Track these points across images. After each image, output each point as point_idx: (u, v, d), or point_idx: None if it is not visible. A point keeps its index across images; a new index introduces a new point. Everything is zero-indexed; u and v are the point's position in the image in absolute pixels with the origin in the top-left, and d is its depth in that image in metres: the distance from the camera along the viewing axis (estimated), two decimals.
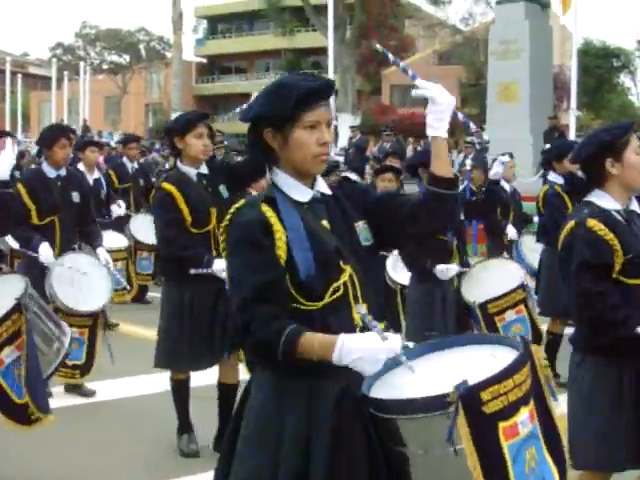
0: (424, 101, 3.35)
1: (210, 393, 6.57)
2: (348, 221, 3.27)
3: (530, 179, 22.30)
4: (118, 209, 12.05)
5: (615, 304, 4.12)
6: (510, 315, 6.90)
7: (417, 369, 2.89)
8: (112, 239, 10.18)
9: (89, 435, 6.90)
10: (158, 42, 65.17)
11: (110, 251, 8.30)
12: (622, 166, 4.18)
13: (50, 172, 7.74)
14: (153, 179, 13.70)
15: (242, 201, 3.18)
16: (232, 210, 3.16)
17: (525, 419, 2.78)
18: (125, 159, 13.33)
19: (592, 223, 4.15)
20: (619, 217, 4.22)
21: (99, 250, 7.70)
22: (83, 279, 7.33)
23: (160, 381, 7.13)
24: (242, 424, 3.21)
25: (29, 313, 5.09)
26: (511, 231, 10.39)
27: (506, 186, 10.44)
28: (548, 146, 21.35)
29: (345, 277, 3.12)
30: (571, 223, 4.25)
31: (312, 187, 3.23)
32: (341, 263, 3.13)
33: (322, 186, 3.28)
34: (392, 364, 2.91)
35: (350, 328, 3.06)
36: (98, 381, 7.84)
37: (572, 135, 23.17)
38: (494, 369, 2.73)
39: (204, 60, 67.36)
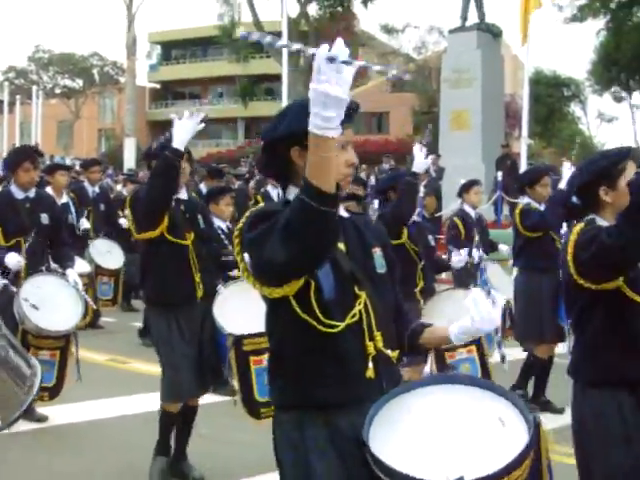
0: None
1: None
2: (365, 246, 3.23)
3: (482, 207, 22.45)
4: (86, 222, 12.15)
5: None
6: (461, 354, 6.74)
7: (418, 407, 2.92)
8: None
9: (42, 461, 6.80)
10: (112, 67, 64.95)
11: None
12: (616, 194, 4.01)
13: (18, 193, 7.65)
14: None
15: (258, 207, 3.14)
16: (248, 213, 3.07)
17: None
18: (86, 183, 13.22)
19: (602, 222, 4.00)
20: None
21: (68, 271, 7.55)
22: (52, 300, 7.23)
23: (112, 406, 7.12)
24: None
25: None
26: (476, 254, 10.44)
27: (472, 212, 10.48)
28: (500, 174, 21.64)
29: (361, 304, 3.05)
30: (580, 225, 4.04)
31: None
32: (356, 289, 3.07)
33: (340, 209, 3.13)
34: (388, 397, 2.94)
35: (362, 357, 3.03)
36: (50, 406, 7.76)
37: (523, 163, 23.34)
38: (499, 453, 2.63)
39: (157, 85, 67.27)
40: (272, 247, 2.74)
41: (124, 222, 13.14)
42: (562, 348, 8.21)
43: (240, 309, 6.08)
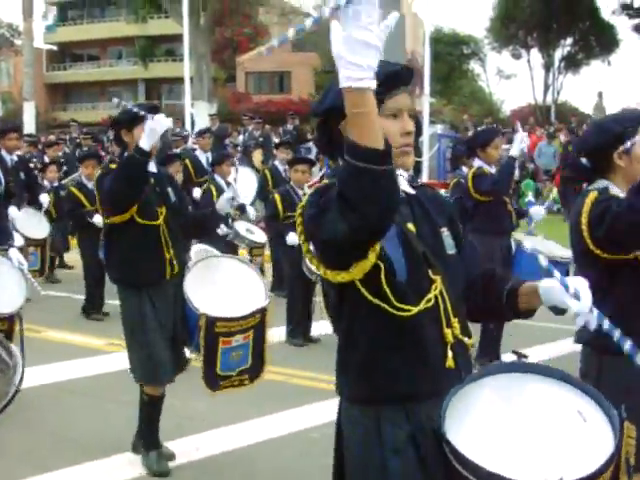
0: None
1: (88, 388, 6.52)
2: (433, 225, 2.98)
3: None
4: (46, 199, 12.42)
5: None
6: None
7: (491, 398, 2.71)
8: None
9: None
10: (7, 29, 63.42)
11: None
12: (629, 158, 4.02)
13: None
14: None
15: (324, 182, 2.88)
16: (312, 191, 2.85)
17: None
18: (4, 151, 12.48)
19: (615, 191, 4.00)
20: None
21: (11, 251, 7.29)
22: None
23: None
24: (345, 459, 2.94)
25: None
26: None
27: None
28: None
29: (436, 289, 2.84)
30: (593, 194, 3.99)
31: None
32: (430, 273, 2.85)
33: (404, 185, 2.95)
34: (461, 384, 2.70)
35: (441, 344, 2.83)
36: None
37: (426, 121, 23.62)
38: (589, 453, 2.48)
39: (54, 47, 65.88)
40: (330, 221, 2.50)
41: (46, 202, 12.98)
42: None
43: (212, 287, 6.00)
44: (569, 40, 47.90)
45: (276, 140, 23.95)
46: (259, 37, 54.29)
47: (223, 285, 6.09)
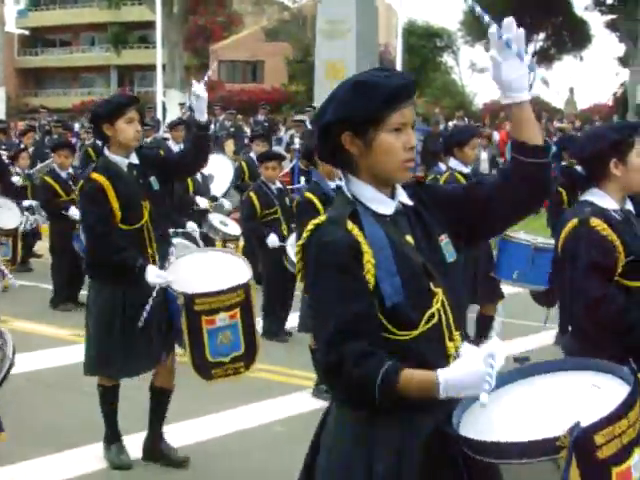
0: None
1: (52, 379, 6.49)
2: (431, 235, 2.88)
3: None
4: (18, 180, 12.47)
5: (626, 307, 3.92)
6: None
7: (506, 398, 2.70)
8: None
9: None
10: None
11: None
12: (626, 168, 4.02)
13: None
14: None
15: (322, 217, 2.78)
16: (311, 227, 2.76)
17: (637, 462, 2.46)
18: None
19: (596, 222, 3.96)
20: (618, 217, 4.03)
21: None
22: None
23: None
24: (321, 457, 2.90)
25: None
26: None
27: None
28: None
29: (438, 302, 2.76)
30: (573, 222, 4.04)
31: (392, 197, 2.85)
32: (431, 285, 2.76)
33: (402, 196, 2.88)
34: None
35: (444, 358, 2.73)
36: None
37: None
38: (606, 405, 2.43)
39: (26, 32, 65.41)
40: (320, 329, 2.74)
41: (17, 180, 12.91)
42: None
43: (192, 272, 5.84)
44: (542, 35, 48.10)
45: (247, 130, 23.96)
46: (233, 25, 54.23)
47: (203, 270, 5.96)
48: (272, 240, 9.57)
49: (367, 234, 2.68)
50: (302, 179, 14.30)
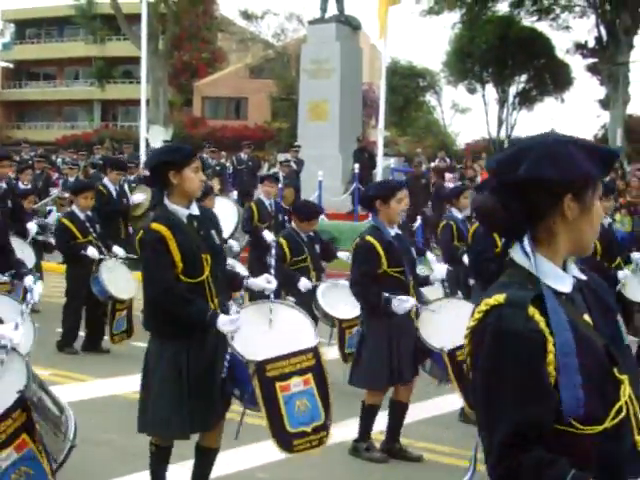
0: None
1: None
2: (609, 312, 2.53)
3: (339, 197, 22.86)
4: (34, 227, 12.13)
5: None
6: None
7: None
8: None
9: None
10: None
11: None
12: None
13: None
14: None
15: (500, 297, 2.34)
16: (486, 308, 2.36)
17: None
18: None
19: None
20: None
21: (26, 279, 6.89)
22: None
23: None
24: None
25: (33, 404, 4.20)
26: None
27: (459, 215, 10.17)
28: (357, 166, 21.98)
29: (625, 394, 2.36)
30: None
31: (565, 270, 2.49)
32: (616, 372, 2.36)
33: (575, 270, 2.52)
34: None
35: (633, 455, 2.36)
36: None
37: (380, 153, 23.86)
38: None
39: (11, 65, 65.55)
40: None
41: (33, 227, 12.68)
42: None
43: (256, 332, 5.58)
44: (524, 77, 48.51)
45: (230, 168, 24.01)
46: (217, 62, 54.54)
47: (268, 329, 5.70)
48: (304, 284, 9.27)
49: (551, 321, 2.30)
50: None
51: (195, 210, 5.52)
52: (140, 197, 13.95)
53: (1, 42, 64.59)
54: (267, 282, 5.81)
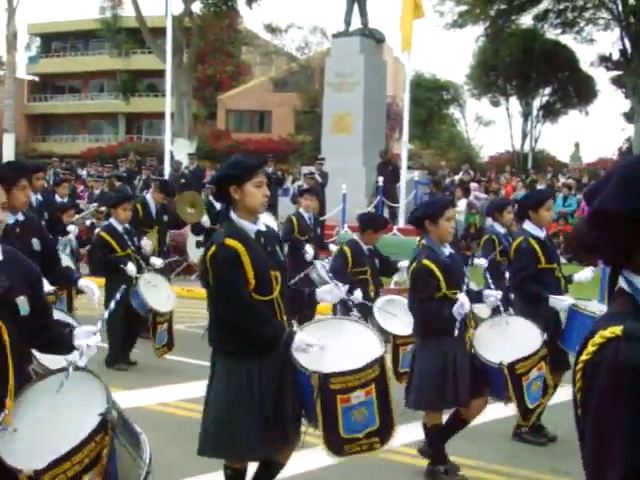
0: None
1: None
2: None
3: (363, 210, 22.85)
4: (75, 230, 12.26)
5: None
6: (533, 373, 6.63)
7: None
8: None
9: None
10: None
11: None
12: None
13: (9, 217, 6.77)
14: None
15: (617, 329, 2.12)
16: (601, 341, 2.14)
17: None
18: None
19: None
20: None
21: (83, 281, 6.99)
22: None
23: None
24: None
25: (114, 429, 4.01)
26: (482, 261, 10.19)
27: (501, 230, 10.29)
28: (381, 179, 21.99)
29: None
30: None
31: None
32: None
33: None
34: None
35: None
36: None
37: (404, 166, 23.83)
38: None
39: (36, 78, 66.05)
40: None
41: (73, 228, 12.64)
42: None
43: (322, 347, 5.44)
44: (548, 89, 48.49)
45: None
46: (241, 75, 54.73)
47: (332, 342, 5.53)
48: (357, 296, 9.25)
49: None
50: None
51: (262, 226, 5.40)
52: (147, 243, 13.58)
53: (27, 56, 65.15)
54: (335, 288, 5.72)
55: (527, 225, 8.05)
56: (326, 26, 47.46)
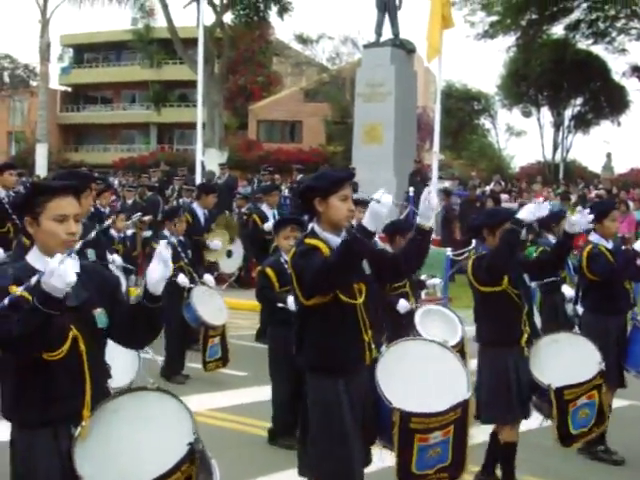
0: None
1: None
2: None
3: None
4: (119, 260, 12.08)
5: None
6: (582, 400, 6.48)
7: None
8: None
9: None
10: (23, 70, 63.98)
11: None
12: None
13: None
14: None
15: None
16: None
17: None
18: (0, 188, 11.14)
19: None
20: None
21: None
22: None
23: None
24: None
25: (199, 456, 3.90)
26: (567, 291, 10.10)
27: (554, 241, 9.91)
28: (412, 189, 21.94)
29: None
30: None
31: None
32: None
33: None
34: None
35: None
36: None
37: (434, 176, 23.78)
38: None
39: (69, 89, 66.54)
40: None
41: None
42: None
43: (406, 375, 5.38)
44: (579, 100, 48.25)
45: (285, 191, 24.05)
46: (272, 86, 54.84)
47: (419, 373, 5.43)
48: (403, 305, 9.11)
49: None
50: None
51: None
52: (218, 244, 13.43)
53: (60, 66, 65.59)
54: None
55: (593, 237, 7.95)
56: (357, 36, 47.35)
